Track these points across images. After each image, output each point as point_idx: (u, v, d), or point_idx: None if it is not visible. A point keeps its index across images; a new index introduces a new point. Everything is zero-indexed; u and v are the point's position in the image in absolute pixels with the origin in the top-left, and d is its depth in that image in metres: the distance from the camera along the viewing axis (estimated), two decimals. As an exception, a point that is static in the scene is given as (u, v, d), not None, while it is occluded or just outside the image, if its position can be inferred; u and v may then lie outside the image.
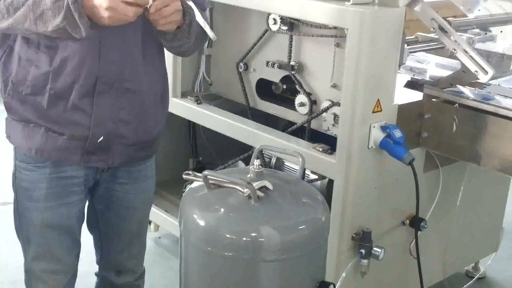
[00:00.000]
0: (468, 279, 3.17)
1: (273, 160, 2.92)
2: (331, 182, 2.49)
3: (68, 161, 1.95)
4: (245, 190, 1.77)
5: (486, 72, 2.33)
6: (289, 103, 2.66)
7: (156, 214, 3.13)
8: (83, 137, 1.91)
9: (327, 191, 2.60)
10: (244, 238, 1.72)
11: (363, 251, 2.41)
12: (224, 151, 3.10)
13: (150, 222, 3.21)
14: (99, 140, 1.91)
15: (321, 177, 2.69)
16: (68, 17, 1.70)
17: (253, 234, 1.72)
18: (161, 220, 3.18)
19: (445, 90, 2.46)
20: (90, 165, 1.98)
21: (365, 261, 2.44)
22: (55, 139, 1.91)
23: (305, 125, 2.59)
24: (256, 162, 1.86)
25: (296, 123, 2.62)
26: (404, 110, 2.41)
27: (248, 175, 1.85)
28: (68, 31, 1.73)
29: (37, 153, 1.94)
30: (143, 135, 2.02)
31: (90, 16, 1.71)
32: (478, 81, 2.46)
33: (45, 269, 2.09)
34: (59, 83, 1.86)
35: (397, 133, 2.31)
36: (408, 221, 2.59)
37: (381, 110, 2.33)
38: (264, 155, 2.89)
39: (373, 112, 2.31)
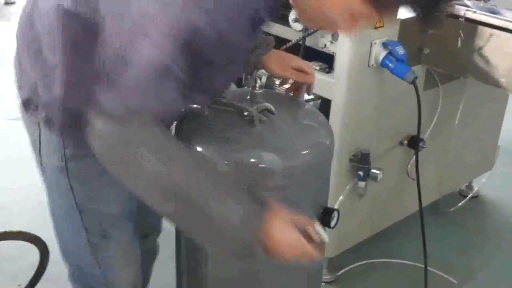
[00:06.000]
0: (461, 198, 3.13)
1: (264, 79, 2.78)
2: (324, 102, 2.38)
3: None
4: (246, 113, 1.65)
5: (493, -16, 2.21)
6: (283, 19, 2.50)
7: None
8: None
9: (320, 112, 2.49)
10: (246, 165, 1.61)
11: (361, 173, 2.34)
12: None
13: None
14: None
15: (318, 98, 2.58)
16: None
17: (253, 160, 1.61)
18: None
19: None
20: None
21: (362, 183, 2.37)
22: None
23: (300, 42, 2.45)
24: (258, 82, 1.74)
25: (291, 41, 2.47)
26: (406, 25, 2.27)
27: (248, 97, 1.73)
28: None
29: None
30: None
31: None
32: (483, -7, 2.34)
33: None
34: None
35: (400, 50, 2.19)
36: (406, 142, 2.52)
37: (382, 26, 2.19)
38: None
39: (375, 27, 2.18)
